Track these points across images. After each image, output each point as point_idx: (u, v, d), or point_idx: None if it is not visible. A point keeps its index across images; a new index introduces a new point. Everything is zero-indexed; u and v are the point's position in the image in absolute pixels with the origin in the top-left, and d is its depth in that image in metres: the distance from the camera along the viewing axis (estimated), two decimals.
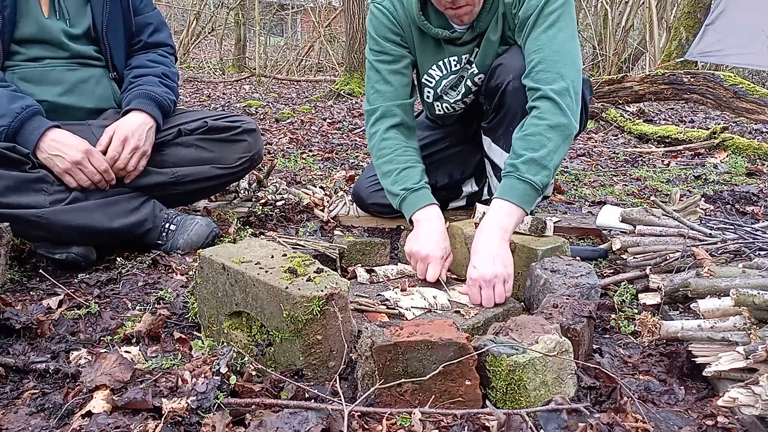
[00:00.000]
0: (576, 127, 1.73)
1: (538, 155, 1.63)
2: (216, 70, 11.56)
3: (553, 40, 1.73)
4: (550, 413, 1.04)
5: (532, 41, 1.76)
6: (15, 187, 1.71)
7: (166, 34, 2.27)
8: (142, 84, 2.07)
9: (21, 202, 1.71)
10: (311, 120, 5.63)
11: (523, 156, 1.64)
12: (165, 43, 2.26)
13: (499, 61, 1.91)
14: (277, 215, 2.44)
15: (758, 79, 8.67)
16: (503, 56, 1.91)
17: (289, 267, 1.29)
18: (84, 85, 2.03)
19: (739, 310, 1.26)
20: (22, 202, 1.71)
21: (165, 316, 1.53)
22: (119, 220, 1.87)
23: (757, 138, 4.73)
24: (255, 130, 2.20)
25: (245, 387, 1.15)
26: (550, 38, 1.73)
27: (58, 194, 1.79)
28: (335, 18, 11.78)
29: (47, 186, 1.77)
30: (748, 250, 1.70)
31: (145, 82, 2.08)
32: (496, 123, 2.02)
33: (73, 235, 1.79)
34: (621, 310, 1.66)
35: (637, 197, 2.98)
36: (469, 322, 1.46)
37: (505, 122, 1.97)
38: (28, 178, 1.74)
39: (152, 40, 2.21)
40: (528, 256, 1.69)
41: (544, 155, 1.64)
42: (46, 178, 1.78)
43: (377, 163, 1.91)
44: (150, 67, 2.15)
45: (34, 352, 1.35)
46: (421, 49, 1.97)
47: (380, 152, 1.89)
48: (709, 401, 1.24)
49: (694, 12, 7.44)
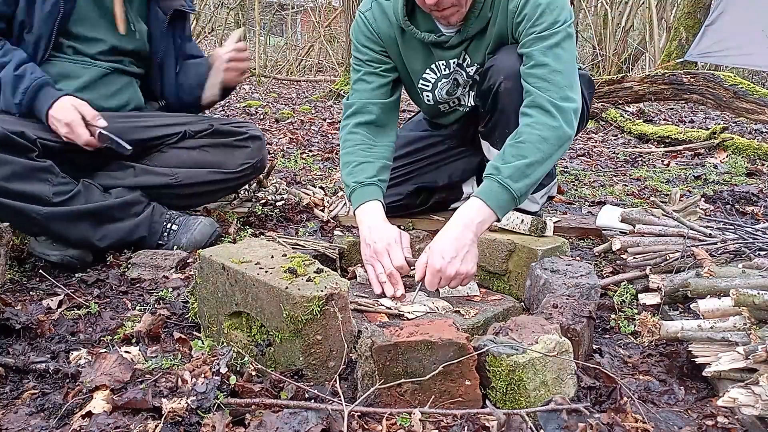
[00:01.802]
0: (571, 139, 1.73)
1: (524, 163, 1.61)
2: None
3: (558, 59, 1.72)
4: (550, 413, 1.04)
5: (538, 53, 1.73)
6: (21, 174, 1.73)
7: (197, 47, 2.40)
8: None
9: (25, 190, 1.73)
10: (311, 120, 5.63)
11: (509, 162, 1.62)
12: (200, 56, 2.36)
13: (490, 62, 1.91)
14: (277, 215, 2.44)
15: (758, 79, 8.67)
16: (495, 57, 1.90)
17: (289, 267, 1.29)
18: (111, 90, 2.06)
19: (739, 310, 1.26)
20: (26, 190, 1.73)
21: (165, 316, 1.53)
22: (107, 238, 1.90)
23: (757, 138, 4.74)
24: (260, 138, 2.20)
25: (245, 387, 1.15)
26: (556, 57, 1.72)
27: (62, 186, 1.81)
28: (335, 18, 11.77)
29: (52, 177, 1.79)
30: (748, 250, 1.70)
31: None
32: (491, 126, 2.02)
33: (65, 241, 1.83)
34: (621, 310, 1.66)
35: (637, 197, 2.99)
36: (469, 322, 1.45)
37: (501, 125, 1.96)
38: (34, 167, 1.76)
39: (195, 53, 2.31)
40: (528, 256, 1.69)
41: (529, 164, 1.62)
42: (51, 169, 1.80)
43: (341, 155, 1.94)
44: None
45: (34, 352, 1.35)
46: (409, 55, 1.97)
47: (344, 144, 1.93)
48: (709, 401, 1.24)
49: (694, 12, 7.44)
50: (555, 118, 1.66)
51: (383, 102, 1.96)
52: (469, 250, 1.55)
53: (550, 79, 1.69)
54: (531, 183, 1.64)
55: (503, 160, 1.63)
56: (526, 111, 1.70)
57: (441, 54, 1.95)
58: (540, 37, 1.73)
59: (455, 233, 1.55)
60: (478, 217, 1.57)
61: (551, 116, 1.66)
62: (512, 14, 1.79)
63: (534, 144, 1.63)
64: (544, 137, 1.64)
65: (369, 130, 1.94)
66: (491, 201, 1.59)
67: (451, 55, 1.95)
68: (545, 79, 1.70)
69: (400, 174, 2.25)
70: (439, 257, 1.52)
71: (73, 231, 1.82)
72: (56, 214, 1.78)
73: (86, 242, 1.86)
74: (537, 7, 1.73)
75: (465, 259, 1.53)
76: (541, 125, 1.65)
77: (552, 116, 1.66)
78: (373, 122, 1.94)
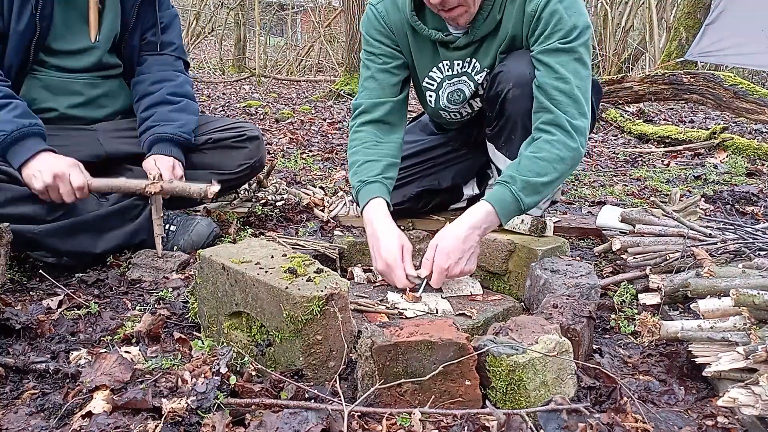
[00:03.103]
0: (582, 157, 1.76)
1: (540, 181, 1.65)
2: (216, 71, 11.56)
3: (578, 74, 1.72)
4: (550, 413, 1.04)
5: (559, 65, 1.71)
6: (16, 199, 1.72)
7: (176, 34, 2.22)
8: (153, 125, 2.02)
9: (20, 213, 1.71)
10: (311, 120, 5.63)
11: (525, 176, 1.64)
12: (171, 42, 2.19)
13: (499, 68, 1.89)
14: (277, 215, 2.44)
15: (758, 79, 8.66)
16: (504, 63, 1.88)
17: (289, 267, 1.29)
18: (101, 99, 2.05)
19: (739, 310, 1.26)
20: (20, 213, 1.72)
21: (165, 316, 1.53)
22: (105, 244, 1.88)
23: (757, 138, 4.74)
24: (258, 138, 2.19)
25: (245, 387, 1.15)
26: (576, 72, 1.72)
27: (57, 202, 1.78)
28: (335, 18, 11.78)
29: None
30: (748, 250, 1.70)
31: (156, 120, 2.03)
32: (498, 131, 2.01)
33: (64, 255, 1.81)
34: (621, 310, 1.66)
35: (637, 197, 2.99)
36: (469, 322, 1.46)
37: (507, 130, 1.96)
38: (29, 191, 1.74)
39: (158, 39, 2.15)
40: (528, 256, 1.69)
41: (544, 182, 1.66)
42: None
43: (348, 156, 1.93)
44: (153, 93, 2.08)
45: (34, 352, 1.35)
46: (417, 52, 1.96)
47: (350, 144, 1.93)
48: (709, 401, 1.24)
49: (694, 12, 7.44)
50: (574, 138, 1.69)
51: (392, 100, 1.94)
52: (473, 251, 1.60)
53: (570, 95, 1.70)
54: (540, 199, 1.71)
55: (519, 171, 1.66)
56: (547, 128, 1.71)
57: (447, 54, 1.93)
58: (561, 48, 1.72)
59: (463, 234, 1.58)
60: (486, 222, 1.62)
61: (571, 137, 1.69)
62: (530, 17, 1.76)
63: (551, 163, 1.66)
64: (562, 157, 1.67)
65: (375, 128, 1.92)
66: (501, 209, 1.62)
67: (456, 56, 1.93)
68: (566, 94, 1.70)
69: (405, 176, 2.24)
70: (445, 257, 1.56)
71: (69, 244, 1.79)
72: (51, 230, 1.76)
73: (85, 253, 1.85)
74: (557, 13, 1.71)
75: (469, 259, 1.59)
76: (561, 145, 1.68)
77: (571, 137, 1.69)
78: (380, 120, 1.93)
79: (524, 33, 1.81)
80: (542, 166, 1.66)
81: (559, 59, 1.72)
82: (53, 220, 1.77)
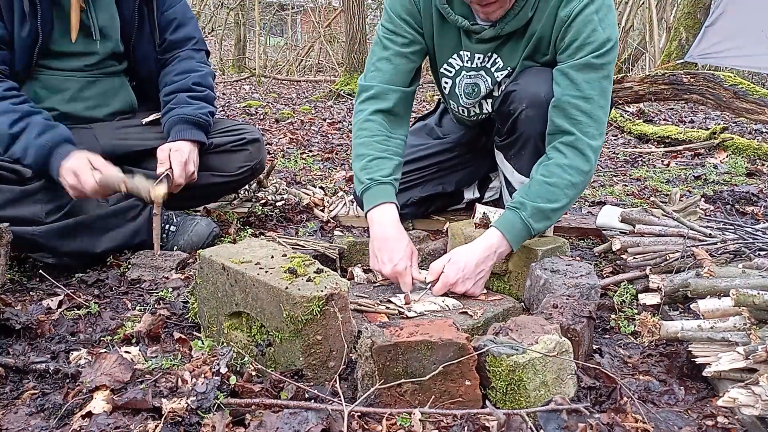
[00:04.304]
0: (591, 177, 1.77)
1: (550, 207, 1.65)
2: (216, 70, 11.55)
3: (604, 94, 1.69)
4: (550, 413, 1.04)
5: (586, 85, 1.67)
6: (14, 200, 1.72)
7: (192, 27, 2.21)
8: (173, 107, 2.04)
9: (17, 215, 1.71)
10: (311, 120, 5.64)
11: (535, 202, 1.64)
12: (190, 37, 2.19)
13: (513, 87, 1.85)
14: (277, 215, 2.44)
15: (758, 79, 8.67)
16: (517, 81, 1.84)
17: (289, 267, 1.29)
18: (101, 97, 2.04)
19: (739, 310, 1.26)
20: (18, 214, 1.71)
21: (165, 316, 1.53)
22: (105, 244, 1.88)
23: (757, 138, 4.74)
24: (258, 140, 2.19)
25: (245, 387, 1.15)
26: (603, 91, 1.69)
27: (55, 202, 1.79)
28: (335, 18, 11.78)
29: (43, 197, 1.78)
30: (748, 250, 1.70)
31: (176, 103, 2.04)
32: (508, 144, 1.99)
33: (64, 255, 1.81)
34: (621, 310, 1.66)
35: (637, 197, 2.99)
36: (469, 322, 1.45)
37: (517, 146, 1.95)
38: (25, 192, 1.75)
39: (175, 37, 2.15)
40: (528, 256, 1.69)
41: (554, 209, 1.66)
42: (42, 190, 1.78)
43: (354, 143, 1.86)
44: (177, 81, 2.09)
45: (34, 352, 1.35)
46: (439, 37, 1.88)
47: (360, 133, 1.84)
48: (709, 401, 1.24)
49: (694, 12, 7.44)
50: (588, 161, 1.68)
51: (403, 90, 1.87)
52: (483, 276, 1.61)
53: (591, 114, 1.67)
54: (550, 224, 1.72)
55: (529, 197, 1.65)
56: (563, 149, 1.68)
57: (469, 45, 1.86)
58: (591, 64, 1.67)
59: (480, 257, 1.60)
60: (500, 247, 1.63)
61: (586, 160, 1.67)
62: (562, 22, 1.69)
63: (563, 189, 1.65)
64: (573, 183, 1.66)
65: (386, 119, 1.85)
66: (511, 236, 1.63)
67: (479, 49, 1.86)
68: (587, 114, 1.67)
69: (410, 179, 2.22)
70: (456, 272, 1.57)
71: (69, 245, 1.80)
72: (51, 231, 1.76)
73: (86, 253, 1.85)
74: (591, 23, 1.66)
75: (477, 283, 1.60)
76: (573, 170, 1.66)
77: (587, 159, 1.67)
78: (390, 111, 1.86)
79: (553, 37, 1.74)
80: (553, 192, 1.64)
81: (587, 76, 1.67)
82: (52, 222, 1.77)
